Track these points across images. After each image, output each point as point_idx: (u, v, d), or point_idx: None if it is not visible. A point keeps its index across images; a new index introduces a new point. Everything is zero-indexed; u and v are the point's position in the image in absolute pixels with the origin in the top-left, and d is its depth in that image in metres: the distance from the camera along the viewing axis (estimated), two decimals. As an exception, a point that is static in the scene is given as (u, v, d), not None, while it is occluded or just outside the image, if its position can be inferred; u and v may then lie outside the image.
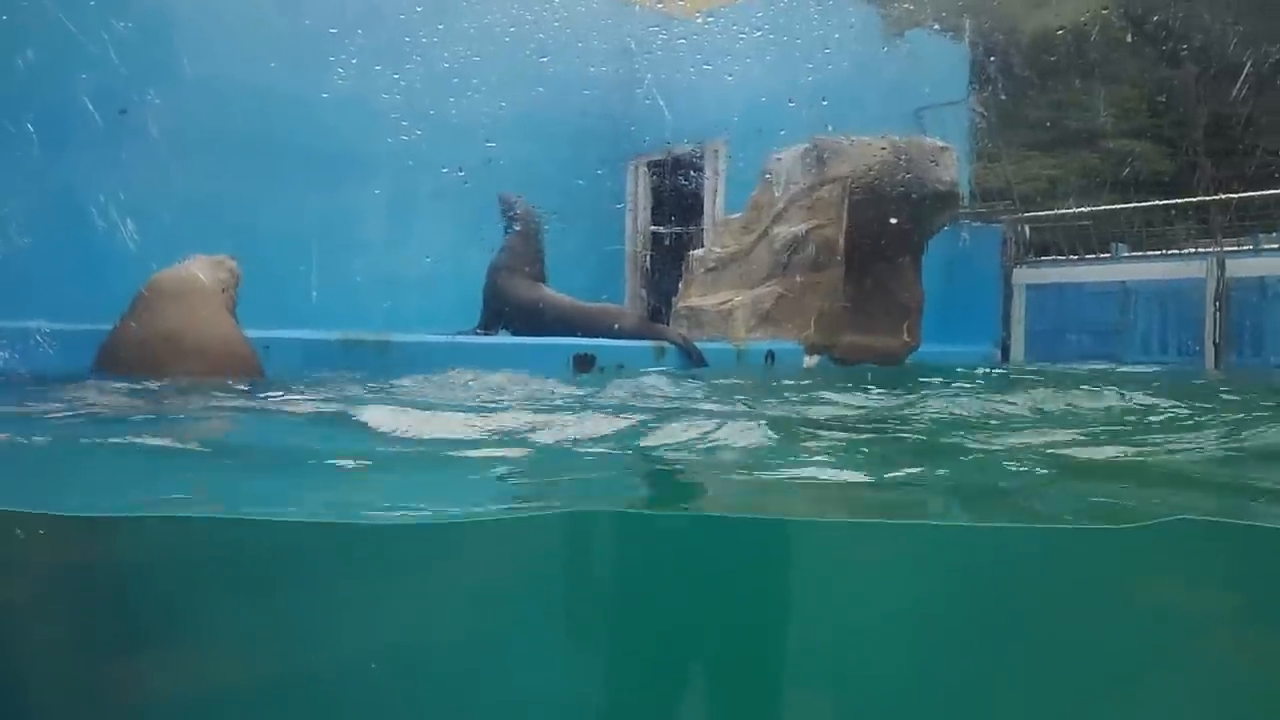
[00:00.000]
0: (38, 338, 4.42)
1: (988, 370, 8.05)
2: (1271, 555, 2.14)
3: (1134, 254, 9.42)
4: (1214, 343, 8.36)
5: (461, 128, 8.62)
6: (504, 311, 7.82)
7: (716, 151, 10.58)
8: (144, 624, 1.98)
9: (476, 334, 7.71)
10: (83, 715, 2.01)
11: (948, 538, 2.26)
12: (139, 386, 3.93)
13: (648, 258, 10.93)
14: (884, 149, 7.89)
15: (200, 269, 4.76)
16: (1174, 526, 2.12)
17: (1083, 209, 9.97)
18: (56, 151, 6.84)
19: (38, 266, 6.05)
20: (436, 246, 8.75)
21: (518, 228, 8.07)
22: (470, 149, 8.43)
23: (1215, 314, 8.34)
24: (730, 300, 8.36)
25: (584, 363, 6.81)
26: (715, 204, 10.54)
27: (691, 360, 7.27)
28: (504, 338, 7.67)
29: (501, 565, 2.10)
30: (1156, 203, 9.92)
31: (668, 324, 8.37)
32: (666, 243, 10.94)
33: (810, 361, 7.90)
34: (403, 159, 8.60)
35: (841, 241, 7.97)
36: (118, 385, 3.88)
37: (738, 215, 9.07)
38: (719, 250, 8.74)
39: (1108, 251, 9.59)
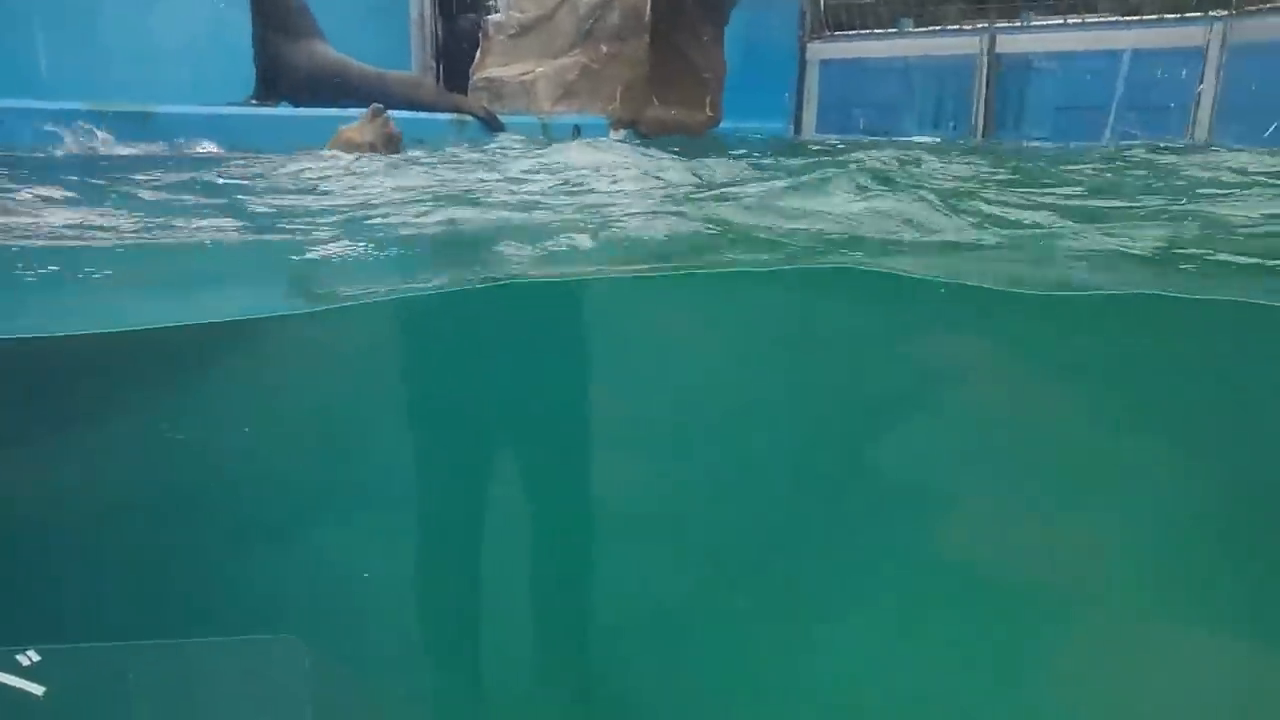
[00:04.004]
0: None
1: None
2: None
3: (918, 30, 9.76)
4: (981, 118, 9.00)
5: None
6: (281, 79, 7.04)
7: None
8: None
9: (251, 105, 6.95)
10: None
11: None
12: None
13: (437, 23, 10.06)
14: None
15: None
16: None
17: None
18: None
19: None
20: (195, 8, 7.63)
21: None
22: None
23: (984, 89, 8.93)
24: (532, 71, 7.96)
25: (380, 136, 6.34)
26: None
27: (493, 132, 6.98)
28: (284, 110, 6.97)
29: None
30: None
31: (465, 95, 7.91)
32: (458, 7, 10.09)
33: (616, 136, 7.79)
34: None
35: (647, 10, 7.69)
36: None
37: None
38: (519, 15, 8.20)
39: (895, 27, 9.88)
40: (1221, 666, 2.25)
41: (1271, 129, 6.62)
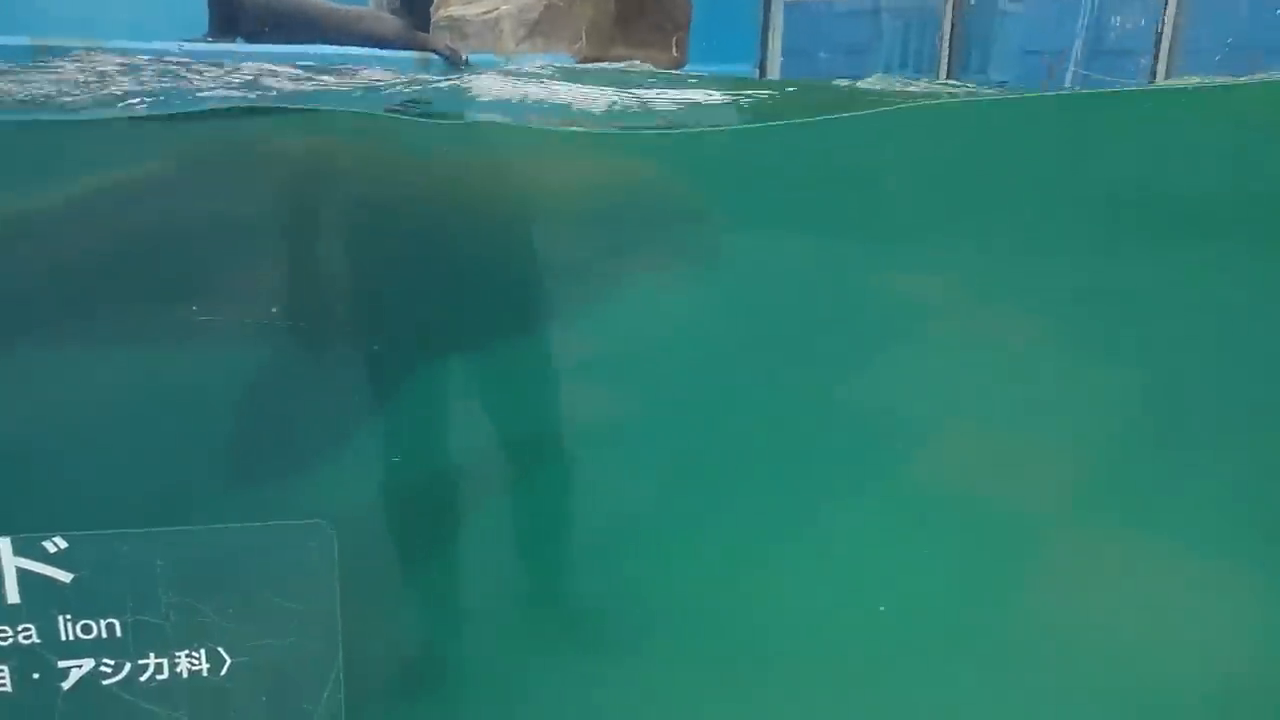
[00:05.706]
0: None
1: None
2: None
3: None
4: (945, 61, 9.00)
5: None
6: (236, 13, 6.79)
7: None
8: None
9: (206, 42, 6.69)
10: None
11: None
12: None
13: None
14: None
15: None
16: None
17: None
18: None
19: None
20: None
21: None
22: None
23: (950, 31, 8.92)
24: (495, 9, 7.79)
25: (342, 74, 6.18)
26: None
27: (459, 71, 6.81)
28: (240, 45, 6.73)
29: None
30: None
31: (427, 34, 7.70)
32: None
33: (582, 76, 7.67)
34: None
35: (612, -56, 7.53)
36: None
37: (498, -91, 8.23)
38: (480, -50, 7.98)
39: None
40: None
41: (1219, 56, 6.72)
